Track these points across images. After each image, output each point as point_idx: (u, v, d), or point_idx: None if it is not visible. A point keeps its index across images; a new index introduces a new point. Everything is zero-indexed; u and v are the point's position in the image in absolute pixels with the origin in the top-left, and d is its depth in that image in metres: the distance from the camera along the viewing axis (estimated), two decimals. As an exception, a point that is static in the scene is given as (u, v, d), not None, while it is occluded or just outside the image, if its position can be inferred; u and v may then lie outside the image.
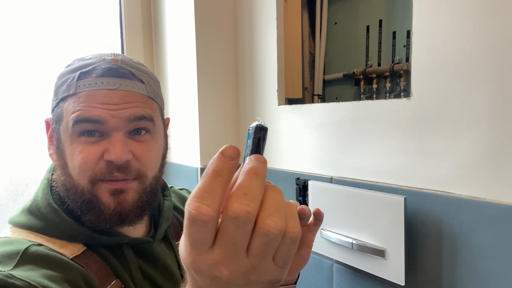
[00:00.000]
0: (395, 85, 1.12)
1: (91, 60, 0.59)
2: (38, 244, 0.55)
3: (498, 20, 0.65)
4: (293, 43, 1.23)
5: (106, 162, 0.56)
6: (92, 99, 0.55)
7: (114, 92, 0.56)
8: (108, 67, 0.57)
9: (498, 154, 0.66)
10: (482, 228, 0.68)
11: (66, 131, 0.57)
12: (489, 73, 0.66)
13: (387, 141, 0.83)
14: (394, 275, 0.77)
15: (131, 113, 0.57)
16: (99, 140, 0.56)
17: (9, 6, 1.16)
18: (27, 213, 0.60)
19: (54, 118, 0.59)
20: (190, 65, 1.24)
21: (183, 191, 0.86)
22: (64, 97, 0.57)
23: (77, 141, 0.56)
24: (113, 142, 0.56)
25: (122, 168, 0.57)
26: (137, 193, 0.59)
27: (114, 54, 0.61)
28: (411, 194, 0.78)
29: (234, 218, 0.30)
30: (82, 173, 0.56)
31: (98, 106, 0.55)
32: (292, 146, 1.08)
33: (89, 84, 0.56)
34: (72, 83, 0.56)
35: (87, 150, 0.56)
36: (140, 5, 1.41)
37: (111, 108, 0.56)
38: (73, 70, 0.58)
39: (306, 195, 1.01)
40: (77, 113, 0.55)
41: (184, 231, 0.32)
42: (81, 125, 0.55)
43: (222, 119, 1.28)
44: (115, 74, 0.57)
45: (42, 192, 0.61)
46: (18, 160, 1.19)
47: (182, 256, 0.34)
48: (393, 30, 1.11)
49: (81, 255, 0.57)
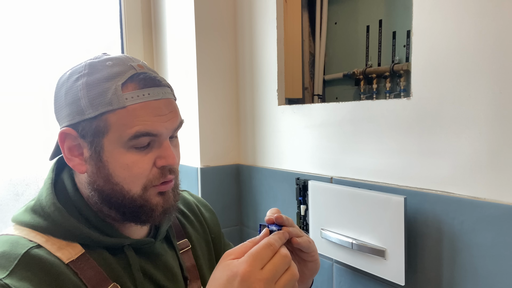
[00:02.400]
0: (395, 85, 1.11)
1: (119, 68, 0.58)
2: (37, 246, 0.56)
3: (498, 20, 0.65)
4: (293, 43, 1.23)
5: (159, 168, 0.60)
6: (146, 113, 0.57)
7: (160, 102, 0.59)
8: (146, 77, 0.59)
9: (498, 154, 0.66)
10: (482, 228, 0.68)
11: (117, 143, 0.57)
12: (489, 73, 0.66)
13: (387, 141, 0.83)
14: (394, 275, 0.77)
15: (177, 122, 0.62)
16: (149, 149, 0.59)
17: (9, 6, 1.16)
18: (30, 211, 0.61)
19: (91, 130, 0.58)
20: (190, 65, 1.24)
21: (184, 192, 0.87)
22: (110, 110, 0.56)
23: (128, 153, 0.58)
24: (166, 149, 0.60)
25: (172, 170, 0.62)
26: (174, 189, 0.65)
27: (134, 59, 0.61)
28: (411, 194, 0.78)
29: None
30: (137, 182, 0.59)
31: (155, 120, 0.58)
32: (292, 146, 1.08)
33: (137, 96, 0.57)
34: (115, 95, 0.56)
35: (142, 160, 0.59)
36: (140, 5, 1.41)
37: (163, 119, 0.59)
38: (106, 79, 0.57)
39: (306, 195, 1.01)
40: (137, 127, 0.57)
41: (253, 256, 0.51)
42: (140, 139, 0.57)
43: (222, 119, 1.28)
44: (154, 84, 0.59)
45: (47, 191, 0.61)
46: (18, 160, 1.19)
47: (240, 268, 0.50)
48: (393, 30, 1.11)
49: (77, 260, 0.57)
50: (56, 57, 1.25)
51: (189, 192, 0.89)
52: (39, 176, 1.22)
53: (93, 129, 0.58)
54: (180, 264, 0.71)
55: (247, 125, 1.26)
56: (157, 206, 0.61)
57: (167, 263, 0.68)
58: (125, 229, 0.65)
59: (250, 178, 1.25)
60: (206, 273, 0.76)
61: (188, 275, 0.71)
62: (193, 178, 1.26)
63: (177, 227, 0.76)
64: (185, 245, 0.74)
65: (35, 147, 1.21)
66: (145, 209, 0.60)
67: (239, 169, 1.30)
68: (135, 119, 0.57)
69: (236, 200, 1.30)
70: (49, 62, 1.23)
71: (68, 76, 0.60)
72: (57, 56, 1.25)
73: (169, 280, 0.66)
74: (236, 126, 1.31)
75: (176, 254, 0.71)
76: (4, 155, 1.17)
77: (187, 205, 0.83)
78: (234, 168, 1.30)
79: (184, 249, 0.74)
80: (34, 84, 1.20)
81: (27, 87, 1.20)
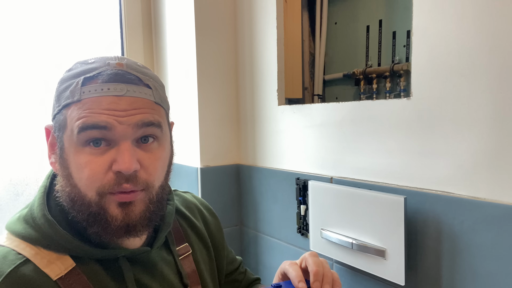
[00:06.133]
0: (395, 85, 1.12)
1: (95, 65, 0.56)
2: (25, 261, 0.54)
3: (498, 20, 0.65)
4: (293, 43, 1.23)
5: (114, 173, 0.54)
6: (99, 105, 0.53)
7: (121, 98, 0.54)
8: (114, 72, 0.55)
9: (498, 154, 0.66)
10: (482, 228, 0.68)
11: (71, 139, 0.54)
12: (489, 73, 0.66)
13: (387, 141, 0.83)
14: (394, 275, 0.77)
15: (139, 119, 0.55)
16: (106, 150, 0.54)
17: (8, 6, 1.16)
18: (22, 221, 0.58)
19: (57, 125, 0.56)
20: (190, 65, 1.24)
21: (187, 194, 0.84)
22: (67, 104, 0.54)
23: (83, 151, 0.54)
24: (122, 151, 0.54)
25: (130, 178, 0.55)
26: (144, 204, 0.57)
27: (119, 58, 0.58)
28: (411, 194, 0.78)
29: None
30: (90, 185, 0.54)
31: (105, 112, 0.53)
32: (292, 146, 1.08)
33: (94, 90, 0.53)
34: (76, 89, 0.53)
35: (95, 161, 0.53)
36: (140, 5, 1.41)
37: (119, 114, 0.53)
38: (77, 75, 0.55)
39: (306, 195, 1.01)
40: (83, 119, 0.52)
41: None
42: (87, 132, 0.53)
43: (222, 119, 1.28)
44: (121, 80, 0.55)
45: (38, 201, 0.59)
46: (18, 160, 1.19)
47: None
48: (393, 30, 1.11)
49: (66, 276, 0.55)
50: (57, 57, 1.25)
51: (192, 194, 0.85)
52: (39, 176, 1.22)
53: (58, 124, 0.56)
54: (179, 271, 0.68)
55: (247, 125, 1.26)
56: (114, 218, 0.55)
57: (163, 272, 0.65)
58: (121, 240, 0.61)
59: (250, 178, 1.25)
60: (206, 278, 0.73)
61: (188, 281, 0.68)
62: (193, 178, 1.26)
63: (177, 231, 0.73)
64: (186, 250, 0.72)
65: (35, 147, 1.21)
66: (100, 218, 0.55)
67: (239, 169, 1.30)
68: (84, 111, 0.52)
69: (236, 200, 1.30)
70: (49, 62, 1.23)
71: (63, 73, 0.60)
72: (57, 56, 1.25)
73: None
74: (236, 126, 1.31)
75: (174, 260, 0.68)
76: (4, 155, 1.17)
77: (189, 207, 0.79)
78: (234, 168, 1.30)
79: (184, 254, 0.71)
80: (34, 84, 1.20)
81: (27, 87, 1.20)
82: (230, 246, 0.92)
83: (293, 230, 1.08)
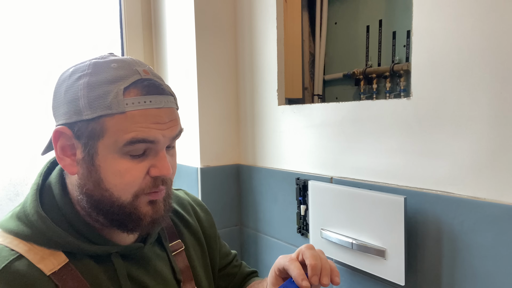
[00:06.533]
0: (395, 85, 1.12)
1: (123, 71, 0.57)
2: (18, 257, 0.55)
3: (498, 20, 0.65)
4: (293, 43, 1.23)
5: (152, 178, 0.59)
6: (145, 120, 0.56)
7: (161, 110, 0.57)
8: (150, 84, 0.57)
9: (498, 154, 0.66)
10: (482, 228, 0.68)
11: (111, 148, 0.56)
12: (489, 73, 0.66)
13: (387, 141, 0.83)
14: (394, 275, 0.77)
15: (176, 132, 0.60)
16: (144, 157, 0.58)
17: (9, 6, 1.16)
18: (15, 218, 0.59)
19: (87, 132, 0.56)
20: (190, 65, 1.24)
21: (180, 191, 0.85)
22: (109, 114, 0.55)
23: (123, 159, 0.56)
24: (161, 158, 0.58)
25: (165, 180, 0.61)
26: (164, 200, 0.63)
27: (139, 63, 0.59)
28: (411, 194, 0.78)
29: None
30: (128, 189, 0.57)
31: (153, 127, 0.56)
32: (292, 146, 1.08)
33: (138, 103, 0.55)
34: (116, 100, 0.54)
35: (135, 168, 0.57)
36: (140, 5, 1.41)
37: (162, 127, 0.57)
38: (109, 82, 0.55)
39: (306, 195, 1.01)
40: (133, 133, 0.55)
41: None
42: (136, 145, 0.56)
43: (222, 119, 1.28)
44: (158, 92, 0.58)
45: (31, 198, 0.60)
46: (18, 160, 1.19)
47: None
48: (393, 30, 1.11)
49: (59, 271, 0.56)
50: (57, 57, 1.25)
51: (185, 191, 0.87)
52: (39, 176, 1.22)
53: (89, 131, 0.56)
54: (173, 267, 0.69)
55: (247, 125, 1.26)
56: (145, 215, 0.59)
57: (157, 267, 0.66)
58: (113, 235, 0.63)
59: (250, 178, 1.25)
60: (200, 273, 0.74)
61: (181, 277, 0.70)
62: (193, 178, 1.26)
63: (170, 228, 0.74)
64: (178, 246, 0.73)
65: (35, 147, 1.20)
66: (133, 217, 0.59)
67: (239, 169, 1.30)
68: (133, 125, 0.55)
69: (236, 200, 1.30)
70: (49, 62, 1.23)
71: (71, 73, 0.58)
72: (57, 56, 1.25)
73: (159, 285, 0.65)
74: (236, 126, 1.31)
75: (167, 256, 0.70)
76: (4, 155, 1.17)
77: (182, 204, 0.81)
78: (234, 168, 1.30)
79: (177, 251, 0.72)
80: (34, 84, 1.20)
81: (27, 87, 1.20)
82: (230, 246, 0.92)
83: (293, 230, 1.08)
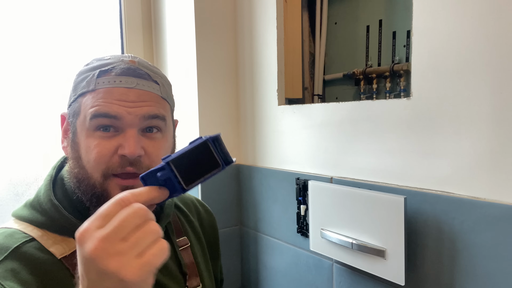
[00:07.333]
0: (395, 85, 1.12)
1: (110, 60, 0.62)
2: (31, 239, 0.58)
3: (498, 20, 0.65)
4: (293, 43, 1.23)
5: (119, 157, 0.59)
6: (111, 96, 0.58)
7: (131, 90, 0.59)
8: (126, 67, 0.60)
9: (498, 154, 0.66)
10: (482, 228, 0.68)
11: (83, 124, 0.59)
12: (489, 73, 0.66)
13: (387, 141, 0.83)
14: (394, 275, 0.77)
15: (146, 111, 0.60)
16: (114, 135, 0.59)
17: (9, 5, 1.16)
18: (29, 207, 0.63)
19: (71, 112, 0.62)
20: (190, 65, 1.24)
21: None
22: (83, 93, 0.60)
23: (93, 135, 0.59)
24: (128, 137, 0.59)
25: (134, 163, 0.59)
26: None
27: (132, 56, 0.64)
28: (411, 194, 0.78)
29: None
30: (96, 166, 0.59)
31: (116, 103, 0.58)
32: (292, 146, 1.08)
33: (108, 82, 0.59)
34: (91, 79, 0.59)
35: (103, 144, 0.58)
36: (140, 5, 1.40)
37: (128, 105, 0.59)
38: (93, 68, 0.61)
39: (306, 195, 1.01)
40: (96, 108, 0.58)
41: None
42: (99, 119, 0.58)
43: (222, 119, 1.28)
44: (133, 74, 0.60)
45: (45, 188, 0.64)
46: (18, 160, 1.19)
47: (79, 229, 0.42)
48: (393, 30, 1.11)
49: (70, 256, 0.58)
50: (56, 57, 1.25)
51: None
52: (39, 176, 1.22)
53: (73, 111, 0.61)
54: (179, 260, 0.71)
55: (247, 125, 1.26)
56: None
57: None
58: None
59: (250, 178, 1.25)
60: (203, 271, 0.76)
61: (187, 271, 0.72)
62: (193, 178, 1.26)
63: (176, 224, 0.77)
64: (184, 242, 0.75)
65: (35, 147, 1.20)
66: (103, 199, 0.58)
67: (239, 169, 1.30)
68: (98, 101, 0.58)
69: (236, 200, 1.30)
70: (49, 62, 1.23)
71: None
72: (57, 56, 1.25)
73: (165, 277, 0.67)
74: (236, 126, 1.31)
75: (175, 250, 0.72)
76: (4, 155, 1.17)
77: (186, 204, 0.83)
78: (234, 168, 1.30)
79: (183, 247, 0.74)
80: (34, 83, 1.20)
81: (27, 87, 1.20)
82: (230, 246, 0.92)
83: (293, 230, 1.08)
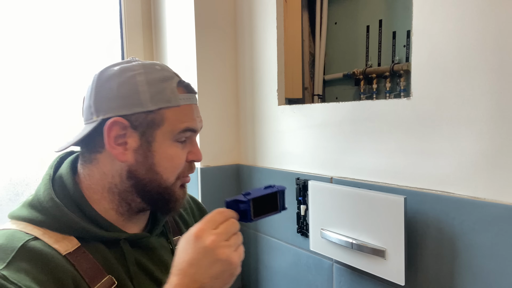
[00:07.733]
0: (395, 85, 1.12)
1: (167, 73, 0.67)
2: (34, 238, 0.58)
3: (498, 20, 0.65)
4: (293, 43, 1.23)
5: (188, 162, 0.68)
6: (192, 112, 0.68)
7: (196, 106, 0.70)
8: (188, 84, 0.69)
9: (498, 154, 0.66)
10: (482, 228, 0.68)
11: (168, 135, 0.65)
12: (489, 73, 0.66)
13: (387, 141, 0.83)
14: (394, 275, 0.77)
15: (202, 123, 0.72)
16: (184, 144, 0.68)
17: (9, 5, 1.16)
18: (28, 207, 0.63)
19: (146, 121, 0.63)
20: (190, 65, 1.24)
21: None
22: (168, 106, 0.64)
23: (174, 145, 0.66)
24: (195, 146, 0.69)
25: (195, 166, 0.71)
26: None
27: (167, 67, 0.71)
28: (411, 194, 0.78)
29: None
30: (174, 172, 0.66)
31: (196, 119, 0.68)
32: (292, 146, 1.08)
33: (186, 99, 0.67)
34: (174, 95, 0.65)
35: (181, 153, 0.67)
36: (140, 5, 1.40)
37: (199, 120, 0.69)
38: (162, 80, 0.65)
39: (306, 195, 1.01)
40: (187, 123, 0.66)
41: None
42: (187, 133, 0.66)
43: (222, 119, 1.28)
44: (193, 91, 0.70)
45: (44, 187, 0.63)
46: (18, 160, 1.19)
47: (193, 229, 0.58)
48: (393, 30, 1.11)
49: (74, 252, 0.59)
50: (57, 57, 1.25)
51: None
52: (39, 176, 1.22)
53: (148, 121, 0.63)
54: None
55: (247, 125, 1.26)
56: (180, 196, 0.68)
57: (162, 257, 0.70)
58: (123, 224, 0.67)
59: (250, 178, 1.25)
60: None
61: None
62: (193, 178, 1.26)
63: (172, 223, 0.79)
64: None
65: (35, 147, 1.20)
66: (173, 198, 0.67)
67: (239, 169, 1.30)
68: (185, 117, 0.66)
69: (236, 200, 1.30)
70: (49, 62, 1.23)
71: (119, 72, 0.64)
72: (57, 55, 1.25)
73: (163, 273, 0.68)
74: (236, 126, 1.31)
75: (171, 249, 0.74)
76: (4, 155, 1.17)
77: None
78: (234, 168, 1.30)
79: None
80: (34, 83, 1.20)
81: (27, 87, 1.20)
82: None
83: (293, 230, 1.08)
